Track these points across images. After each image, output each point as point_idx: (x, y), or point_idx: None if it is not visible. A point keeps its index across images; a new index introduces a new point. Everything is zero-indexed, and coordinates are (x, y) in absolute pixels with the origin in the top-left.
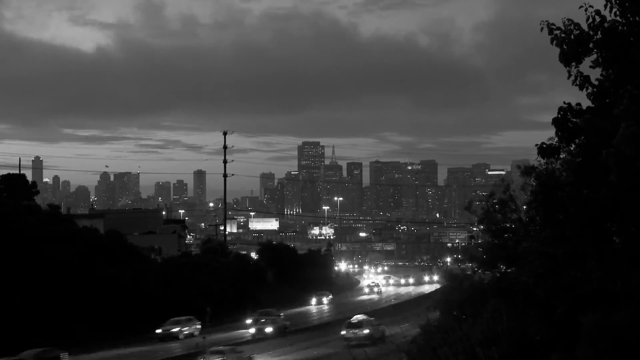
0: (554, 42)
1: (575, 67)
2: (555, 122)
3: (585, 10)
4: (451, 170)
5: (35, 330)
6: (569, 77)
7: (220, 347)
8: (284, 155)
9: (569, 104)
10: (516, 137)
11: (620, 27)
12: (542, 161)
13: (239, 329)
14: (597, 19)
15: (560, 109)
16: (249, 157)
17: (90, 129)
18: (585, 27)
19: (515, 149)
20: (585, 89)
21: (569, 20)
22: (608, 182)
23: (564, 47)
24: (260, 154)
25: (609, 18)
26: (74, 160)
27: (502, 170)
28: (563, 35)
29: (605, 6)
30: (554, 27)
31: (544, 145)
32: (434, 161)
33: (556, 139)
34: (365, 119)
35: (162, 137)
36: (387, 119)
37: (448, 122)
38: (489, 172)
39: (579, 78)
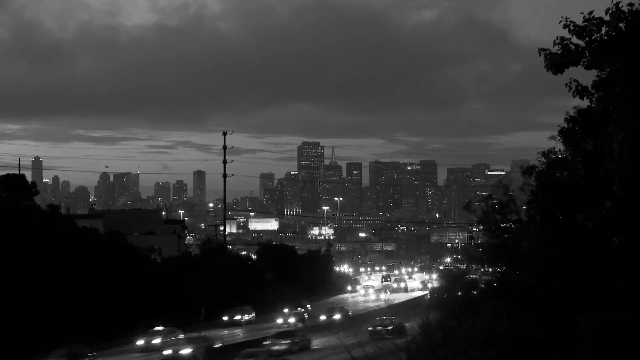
0: (548, 67)
1: (573, 81)
2: (561, 133)
3: (587, 19)
4: (451, 171)
5: (31, 332)
6: (568, 89)
7: None
8: (287, 156)
9: (573, 116)
10: (526, 137)
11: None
12: (542, 161)
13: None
14: (594, 24)
15: (566, 120)
16: (258, 157)
17: (103, 130)
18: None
19: (523, 150)
20: (586, 98)
21: (561, 38)
22: (612, 192)
23: (557, 71)
24: (269, 154)
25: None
26: (81, 160)
27: (502, 170)
28: (557, 57)
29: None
30: (547, 51)
31: (552, 155)
32: (434, 161)
33: (564, 149)
34: (377, 119)
35: (173, 138)
36: (398, 119)
37: (458, 122)
38: (489, 173)
39: (577, 88)
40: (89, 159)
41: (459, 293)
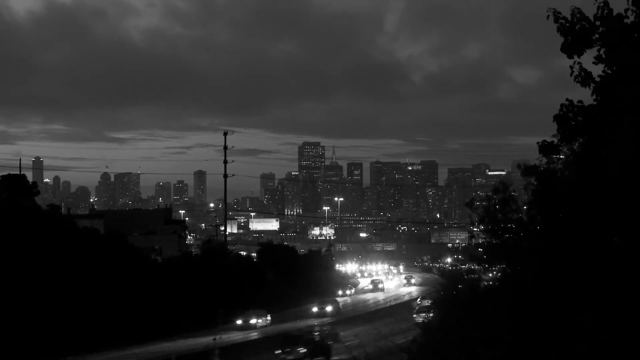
0: (560, 31)
1: (577, 64)
2: (556, 118)
3: (595, 0)
4: (451, 171)
5: (31, 332)
6: (571, 74)
7: None
8: (289, 157)
9: (571, 100)
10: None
11: (626, 19)
12: (544, 160)
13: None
14: (605, 10)
15: (562, 105)
16: (273, 157)
17: (129, 131)
18: (592, 18)
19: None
20: (587, 86)
21: (577, 9)
22: (609, 180)
23: (568, 37)
24: (279, 155)
25: (621, 9)
26: (96, 161)
27: (502, 170)
28: (568, 24)
29: None
30: (560, 15)
31: (545, 143)
32: (434, 161)
33: (558, 136)
34: (395, 120)
35: (189, 138)
36: (414, 119)
37: (476, 122)
38: (489, 173)
39: (581, 74)
40: (106, 159)
41: (459, 293)
